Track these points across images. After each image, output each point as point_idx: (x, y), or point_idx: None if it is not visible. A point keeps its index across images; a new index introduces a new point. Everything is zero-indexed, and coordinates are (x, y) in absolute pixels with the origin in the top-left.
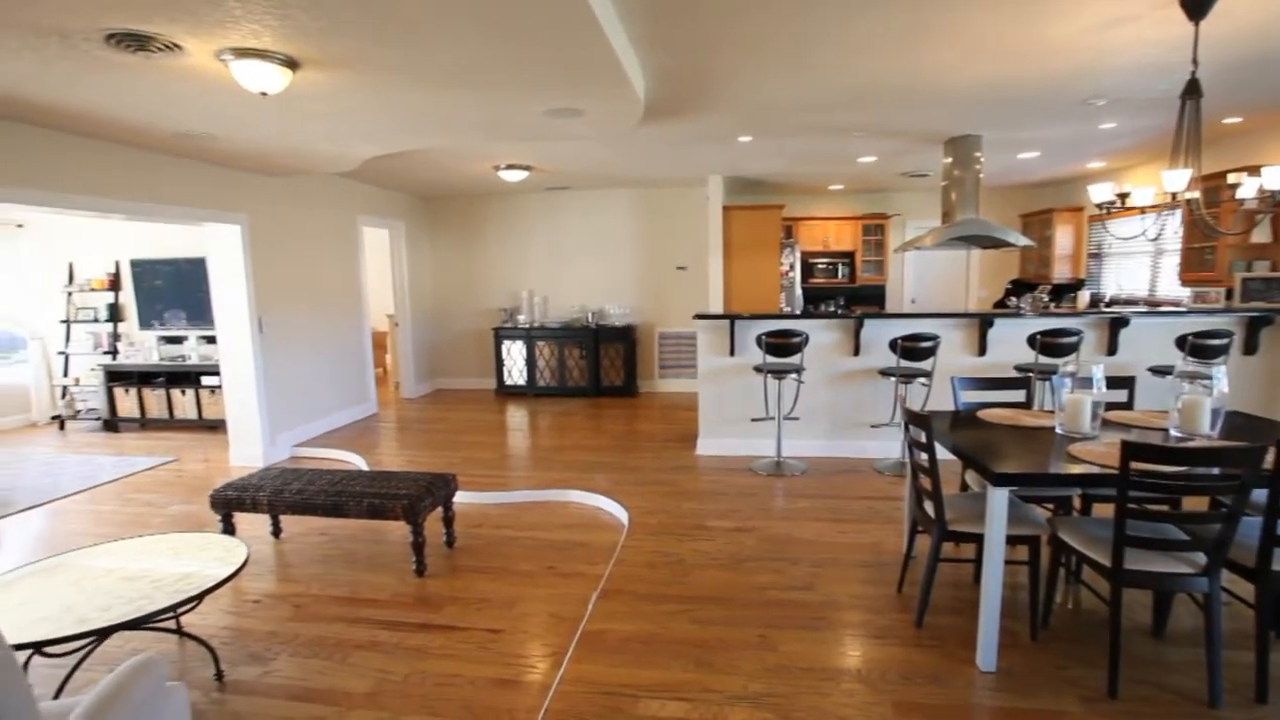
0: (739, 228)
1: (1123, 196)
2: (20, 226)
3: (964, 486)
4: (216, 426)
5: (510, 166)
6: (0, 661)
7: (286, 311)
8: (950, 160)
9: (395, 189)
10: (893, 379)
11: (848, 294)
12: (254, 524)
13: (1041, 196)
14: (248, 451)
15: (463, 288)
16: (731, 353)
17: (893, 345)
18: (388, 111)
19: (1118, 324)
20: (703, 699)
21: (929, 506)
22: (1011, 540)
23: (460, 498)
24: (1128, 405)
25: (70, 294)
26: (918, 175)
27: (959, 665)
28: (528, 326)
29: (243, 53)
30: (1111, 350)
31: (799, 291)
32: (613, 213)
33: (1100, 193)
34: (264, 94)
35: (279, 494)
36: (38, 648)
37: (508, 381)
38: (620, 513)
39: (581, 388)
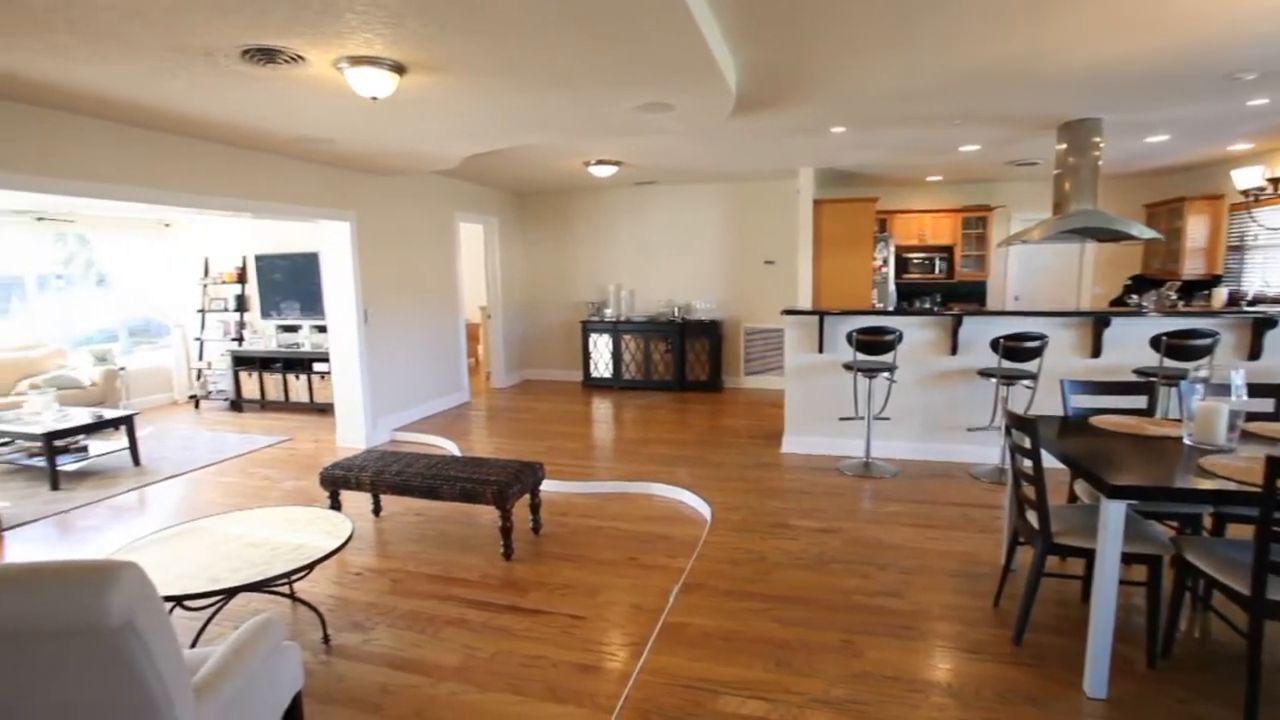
0: (830, 221)
1: (1275, 182)
2: (167, 226)
3: (1072, 497)
4: (325, 409)
5: (600, 162)
6: (157, 612)
7: (389, 303)
8: (1064, 147)
9: (490, 186)
10: (993, 380)
11: (944, 290)
12: (357, 501)
13: (1170, 184)
14: (352, 433)
15: (552, 281)
16: (820, 349)
17: (994, 345)
18: (485, 112)
19: (1263, 325)
20: (783, 700)
21: (1032, 517)
22: (1127, 558)
23: (547, 486)
24: (1274, 416)
25: (205, 286)
26: (1025, 164)
27: (1062, 688)
28: (614, 320)
29: (357, 60)
30: (1254, 354)
31: (892, 287)
32: (699, 207)
33: (1247, 178)
34: (374, 98)
35: (380, 475)
36: (179, 601)
37: (594, 374)
38: (703, 508)
39: (666, 382)
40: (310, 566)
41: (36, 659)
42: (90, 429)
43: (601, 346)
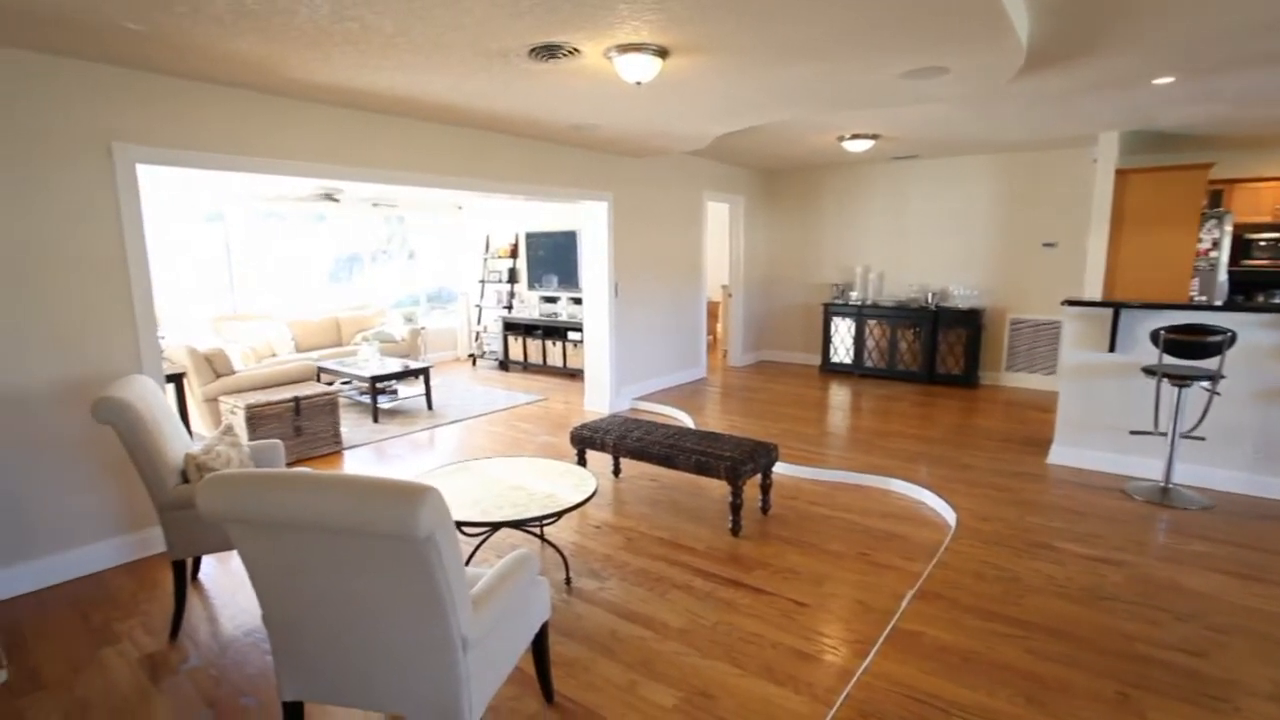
0: (1138, 195)
1: None
2: (460, 208)
3: None
4: (576, 374)
5: (855, 136)
6: (450, 531)
7: (637, 279)
8: None
9: (738, 164)
10: None
11: None
12: (599, 461)
13: None
14: (598, 398)
15: (795, 261)
16: (1111, 348)
17: None
18: (742, 89)
19: None
20: None
21: None
22: None
23: (778, 468)
24: None
25: (485, 260)
26: None
27: None
28: (859, 304)
29: (624, 48)
30: None
31: (1223, 276)
32: (964, 182)
33: None
34: (638, 83)
35: (622, 439)
36: (459, 526)
37: (833, 359)
38: (946, 511)
39: (912, 373)
40: (560, 514)
41: (360, 554)
42: (400, 376)
43: (843, 330)
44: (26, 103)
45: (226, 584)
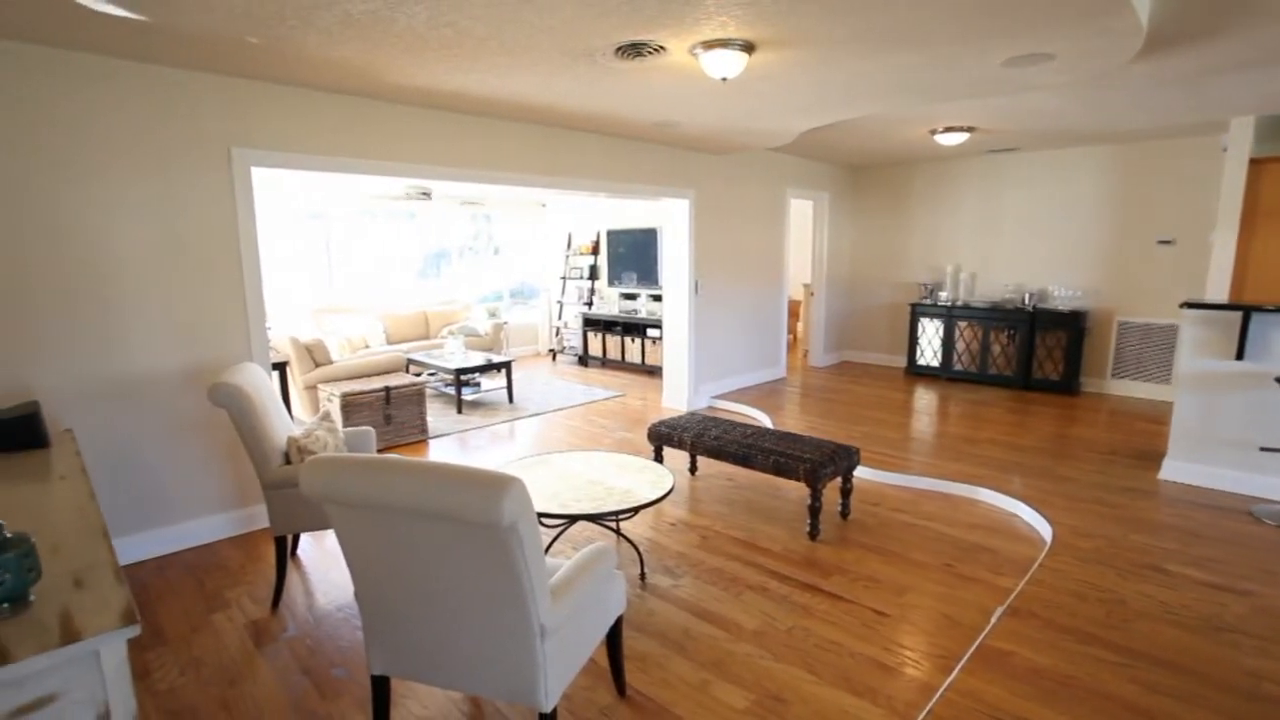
0: (1277, 187)
1: None
2: (543, 206)
3: None
4: (654, 371)
5: (949, 129)
6: (531, 521)
7: (717, 277)
8: None
9: (823, 160)
10: None
11: None
12: (675, 458)
13: None
14: (675, 396)
15: (881, 260)
16: (1239, 355)
17: None
18: (830, 83)
19: None
20: None
21: None
22: None
23: (859, 472)
24: None
25: (567, 257)
26: None
27: None
28: (949, 304)
29: (710, 44)
30: None
31: None
32: (1069, 176)
33: None
34: (724, 79)
35: (700, 437)
36: (539, 517)
37: (919, 361)
38: (1041, 525)
39: (1006, 377)
40: (637, 509)
41: (448, 538)
42: (483, 369)
43: (931, 332)
44: (163, 114)
45: (321, 561)
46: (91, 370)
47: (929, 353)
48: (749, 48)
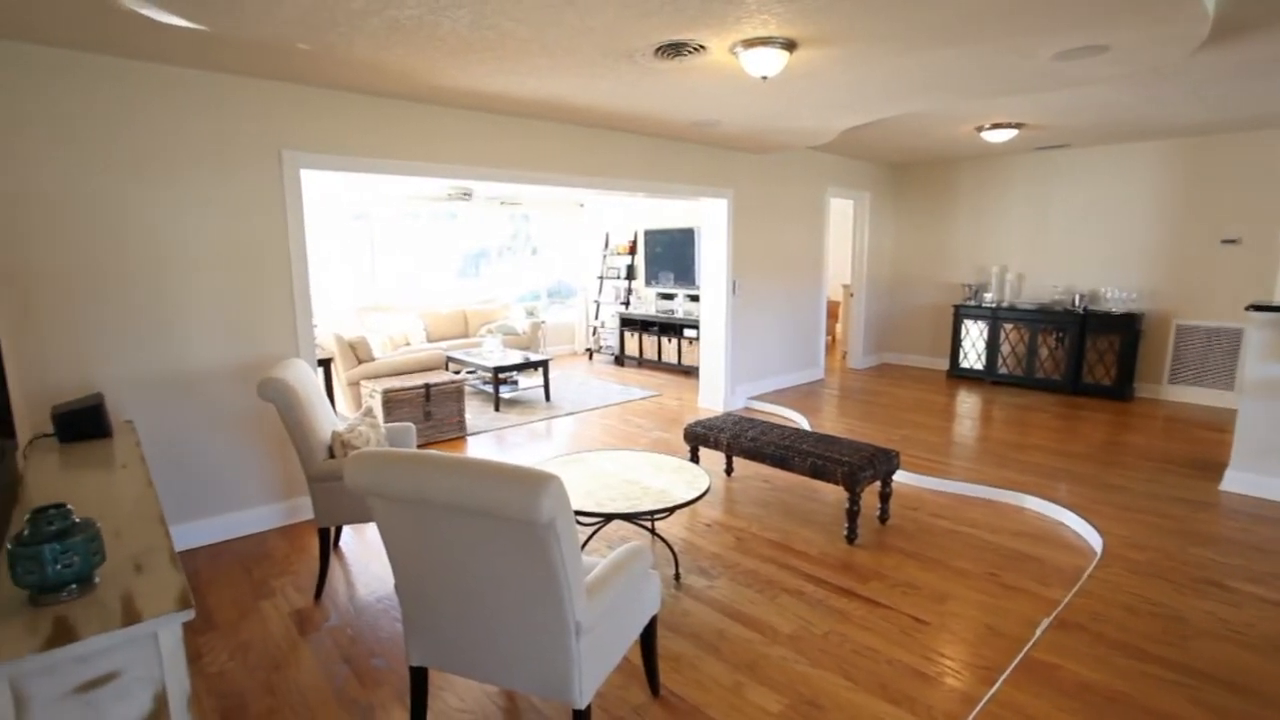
0: None
1: None
2: (581, 206)
3: None
4: (690, 371)
5: (995, 126)
6: (568, 519)
7: (755, 277)
8: None
9: (864, 159)
10: None
11: None
12: (711, 459)
13: None
14: (712, 396)
15: (923, 260)
16: None
17: None
18: (872, 80)
19: None
20: None
21: None
22: None
23: (899, 476)
24: None
25: (604, 256)
26: None
27: None
28: (994, 306)
29: (750, 43)
30: None
31: None
32: (1122, 173)
33: None
34: (764, 78)
35: (736, 438)
36: (575, 515)
37: (962, 364)
38: (1091, 535)
39: (1054, 382)
40: (672, 509)
41: (486, 534)
42: (520, 368)
43: (975, 334)
44: (218, 118)
45: (362, 554)
46: (150, 364)
47: (972, 355)
48: (790, 46)
